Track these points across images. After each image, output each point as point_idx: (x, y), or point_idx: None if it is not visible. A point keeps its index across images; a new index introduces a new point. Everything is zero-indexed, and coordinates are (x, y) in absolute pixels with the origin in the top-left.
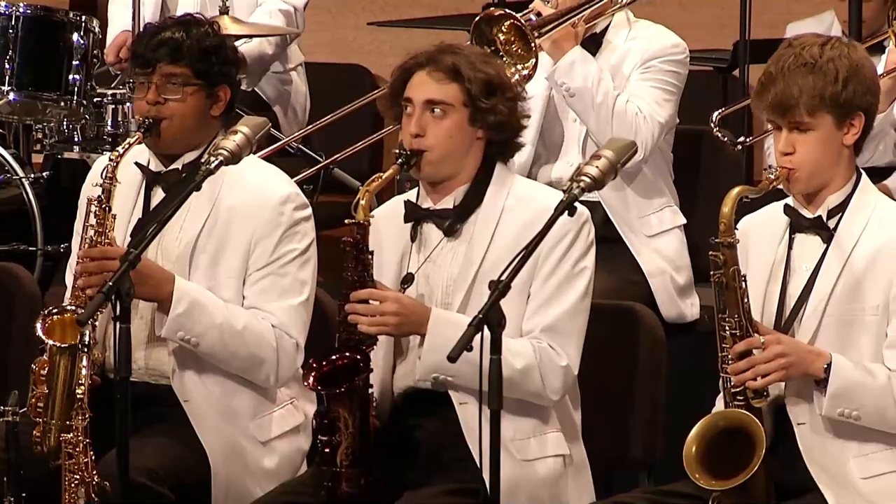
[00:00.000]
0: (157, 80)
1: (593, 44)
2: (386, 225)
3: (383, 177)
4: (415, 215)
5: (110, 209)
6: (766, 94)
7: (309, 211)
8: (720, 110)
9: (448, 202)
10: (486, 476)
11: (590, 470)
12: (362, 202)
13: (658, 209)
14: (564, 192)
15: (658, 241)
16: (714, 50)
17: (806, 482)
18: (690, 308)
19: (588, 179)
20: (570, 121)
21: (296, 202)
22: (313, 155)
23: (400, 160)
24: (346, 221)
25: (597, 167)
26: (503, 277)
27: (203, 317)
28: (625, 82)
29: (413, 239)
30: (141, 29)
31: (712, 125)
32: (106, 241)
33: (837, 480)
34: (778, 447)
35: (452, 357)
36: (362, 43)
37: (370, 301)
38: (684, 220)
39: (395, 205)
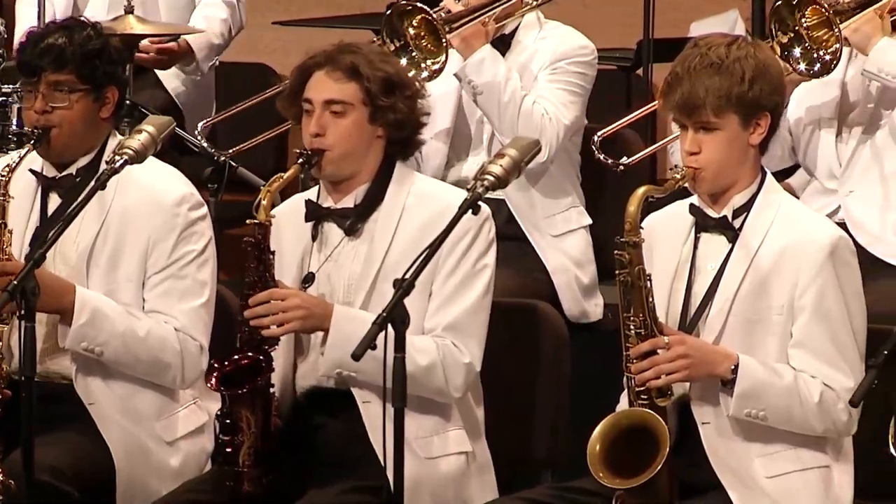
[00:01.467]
0: (44, 89)
1: (503, 44)
2: (287, 224)
3: (284, 177)
4: (315, 214)
5: (6, 225)
6: (672, 94)
7: (204, 210)
8: (602, 132)
9: (349, 201)
10: (389, 474)
11: (493, 467)
12: (264, 202)
13: (564, 209)
14: (468, 190)
15: (563, 241)
16: (618, 49)
17: (710, 481)
18: (594, 308)
19: (492, 178)
20: (477, 120)
21: (190, 202)
22: (218, 154)
23: (301, 160)
24: (247, 221)
25: (500, 166)
26: (407, 276)
27: (105, 325)
28: (533, 82)
29: (314, 238)
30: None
31: (594, 147)
32: (4, 256)
33: (742, 479)
34: (682, 446)
35: (357, 355)
36: (268, 42)
37: (272, 300)
38: (590, 221)
39: (296, 203)
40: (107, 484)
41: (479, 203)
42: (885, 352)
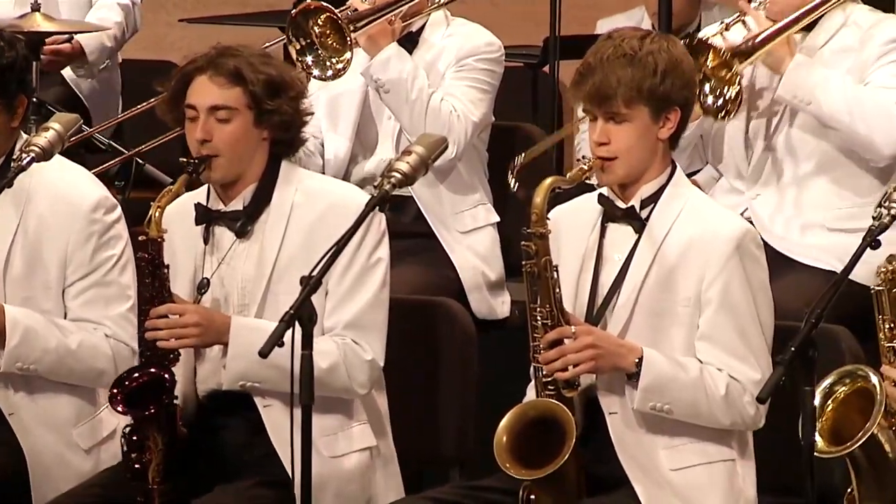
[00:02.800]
0: None
1: (410, 42)
2: (177, 225)
3: (173, 189)
4: (206, 218)
5: None
6: (583, 84)
7: (119, 211)
8: (515, 161)
9: (238, 203)
10: (294, 472)
11: (398, 462)
12: (154, 218)
13: (472, 206)
14: (375, 187)
15: (471, 237)
16: (524, 46)
17: (617, 473)
18: (501, 305)
19: (399, 175)
20: (384, 118)
21: (106, 206)
22: (124, 151)
23: (188, 169)
24: (139, 238)
25: (407, 163)
26: (314, 273)
27: (38, 343)
28: (440, 80)
29: (206, 241)
30: None
31: (510, 177)
32: None
33: (647, 472)
34: (589, 437)
35: (264, 352)
36: (174, 40)
37: (170, 315)
38: (498, 218)
39: (185, 204)
40: (24, 495)
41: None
42: (793, 348)
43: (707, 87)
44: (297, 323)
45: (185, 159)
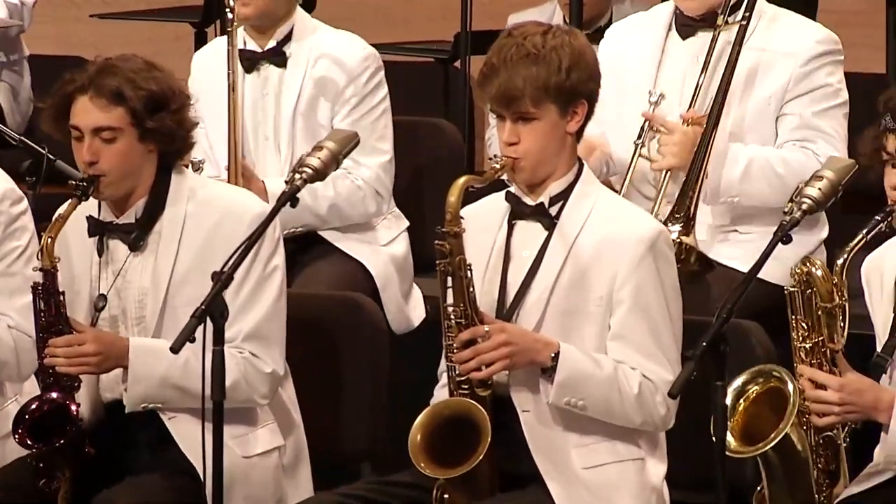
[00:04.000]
0: None
1: (278, 56)
2: (71, 237)
3: (63, 215)
4: (98, 230)
5: None
6: (489, 86)
7: (25, 204)
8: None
9: (130, 216)
10: (208, 471)
11: (309, 461)
12: (46, 246)
13: (380, 221)
14: (287, 183)
15: (388, 249)
16: (435, 41)
17: (530, 472)
18: (414, 311)
19: (310, 170)
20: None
21: (12, 198)
22: (36, 147)
23: (77, 192)
24: (33, 269)
25: (318, 158)
26: (225, 268)
27: None
28: (331, 106)
29: (100, 254)
30: None
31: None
32: None
33: (560, 469)
34: (502, 436)
35: (175, 349)
36: (84, 35)
37: (70, 345)
38: (407, 223)
39: (77, 217)
40: None
41: (297, 196)
42: (704, 344)
43: None
44: (208, 318)
45: (73, 182)
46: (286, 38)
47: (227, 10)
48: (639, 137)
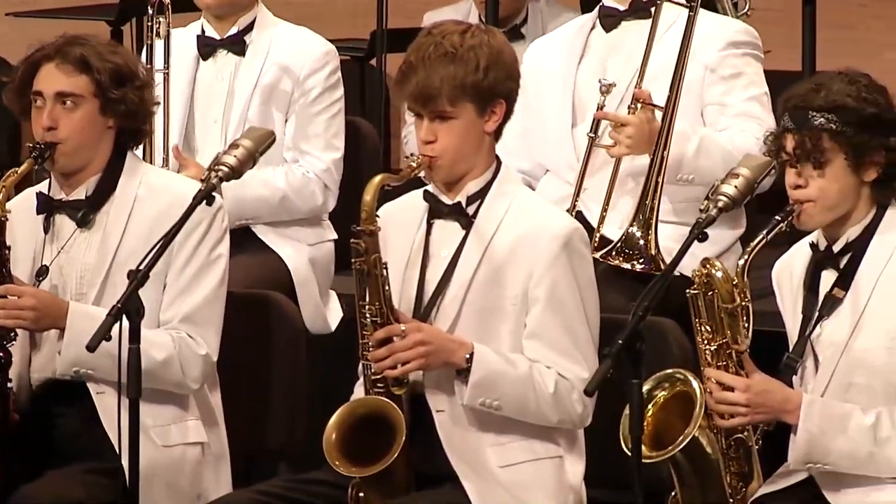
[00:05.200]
0: None
1: (236, 44)
2: (21, 218)
3: (19, 171)
4: (47, 207)
5: None
6: (407, 84)
7: None
8: None
9: (80, 192)
10: (124, 462)
11: (229, 458)
12: None
13: (321, 220)
14: (203, 181)
15: (312, 250)
16: (352, 39)
17: (445, 471)
18: (332, 314)
19: (226, 169)
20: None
21: None
22: None
23: (34, 154)
24: None
25: (234, 156)
26: (141, 267)
27: None
28: (287, 103)
29: (46, 230)
30: None
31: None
32: None
33: (475, 469)
34: (417, 435)
35: (91, 346)
36: (2, 33)
37: (7, 296)
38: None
39: (29, 197)
40: None
41: (213, 194)
42: (620, 342)
43: None
44: (124, 317)
45: (31, 144)
46: (247, 28)
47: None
48: (591, 130)
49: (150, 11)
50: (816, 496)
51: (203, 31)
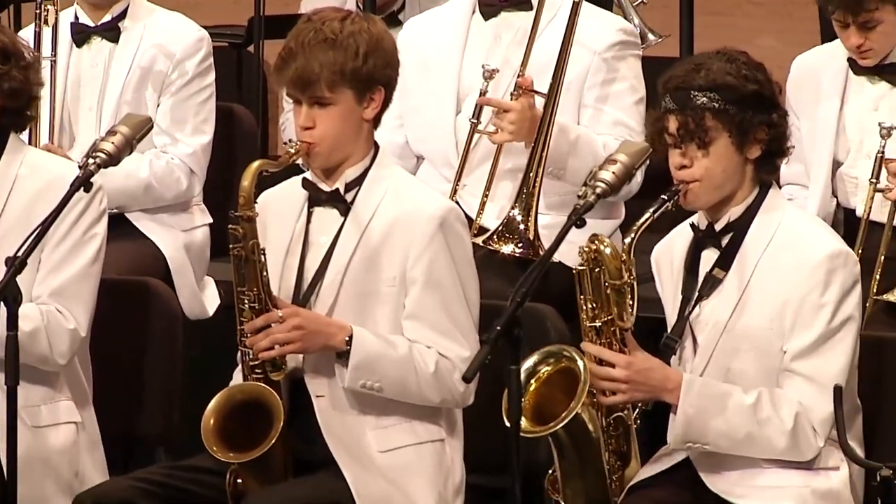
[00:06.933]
0: None
1: (110, 31)
2: None
3: None
4: None
5: None
6: (286, 70)
7: None
8: None
9: None
10: (1, 450)
11: (101, 440)
12: None
13: (191, 206)
14: (80, 168)
15: (188, 236)
16: (229, 26)
17: (324, 456)
18: (210, 300)
19: (104, 155)
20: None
21: None
22: None
23: None
24: None
25: (112, 143)
26: (20, 253)
27: None
28: (159, 91)
29: None
30: None
31: None
32: None
33: (354, 455)
34: (296, 421)
35: None
36: None
37: None
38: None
39: None
40: None
41: (91, 180)
42: (498, 327)
43: None
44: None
45: None
46: (121, 15)
47: None
48: (473, 115)
49: None
50: (695, 479)
51: (77, 18)
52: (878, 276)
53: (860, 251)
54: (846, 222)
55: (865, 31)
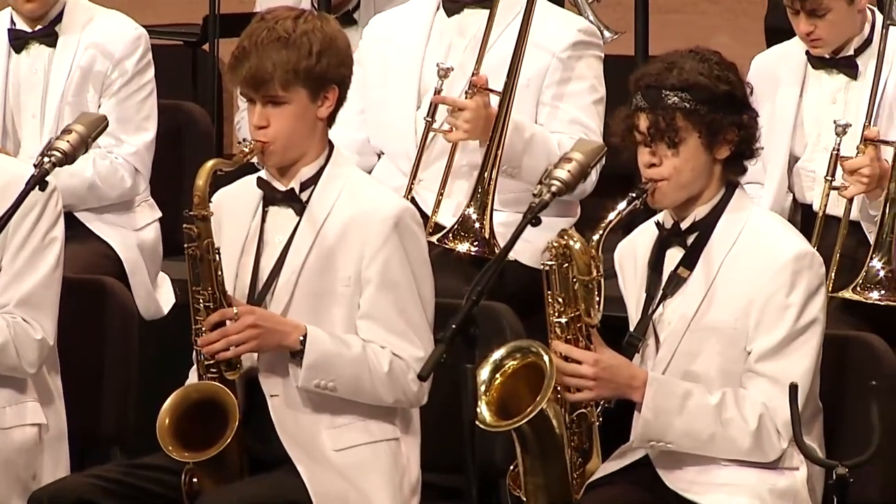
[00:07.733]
0: None
1: (48, 36)
2: None
3: None
4: None
5: None
6: (240, 69)
7: None
8: None
9: None
10: None
11: (67, 440)
12: None
13: (137, 204)
14: (35, 166)
15: (139, 235)
16: (184, 24)
17: (279, 455)
18: (165, 298)
19: (59, 154)
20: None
21: None
22: None
23: None
24: None
25: (67, 141)
26: None
27: None
28: (98, 92)
29: None
30: None
31: None
32: None
33: (309, 452)
34: (251, 420)
35: None
36: None
37: None
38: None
39: None
40: None
41: (47, 179)
42: (454, 325)
43: None
44: None
45: None
46: (57, 18)
47: None
48: (428, 114)
49: None
50: (654, 477)
51: (13, 24)
52: (832, 274)
53: (816, 247)
54: (803, 217)
55: (815, 18)
